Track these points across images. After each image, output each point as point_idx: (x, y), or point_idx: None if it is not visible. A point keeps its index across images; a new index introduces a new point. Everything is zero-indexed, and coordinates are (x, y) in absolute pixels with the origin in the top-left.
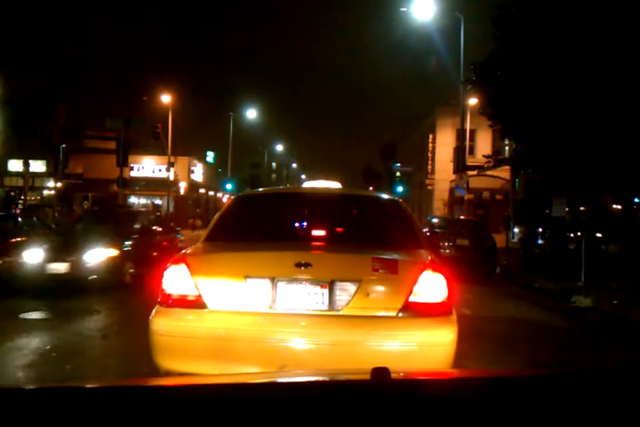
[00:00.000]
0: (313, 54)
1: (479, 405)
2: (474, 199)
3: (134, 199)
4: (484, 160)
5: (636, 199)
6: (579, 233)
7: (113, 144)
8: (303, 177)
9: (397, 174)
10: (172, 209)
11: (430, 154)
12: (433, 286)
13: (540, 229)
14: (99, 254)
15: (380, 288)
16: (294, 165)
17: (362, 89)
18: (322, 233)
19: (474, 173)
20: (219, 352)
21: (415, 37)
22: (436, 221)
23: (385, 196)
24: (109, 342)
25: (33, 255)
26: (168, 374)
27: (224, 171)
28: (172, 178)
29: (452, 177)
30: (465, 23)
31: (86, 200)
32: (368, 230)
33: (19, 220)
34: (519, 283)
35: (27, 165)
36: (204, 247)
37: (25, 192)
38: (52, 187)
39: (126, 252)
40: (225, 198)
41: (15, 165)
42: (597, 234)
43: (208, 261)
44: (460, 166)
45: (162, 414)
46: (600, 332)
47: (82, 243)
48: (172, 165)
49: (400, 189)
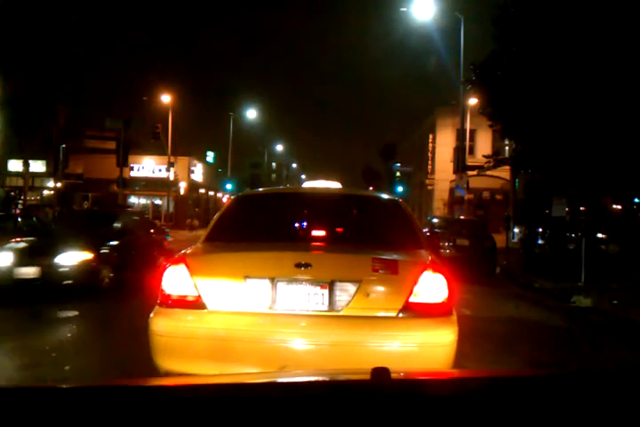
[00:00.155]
0: (313, 54)
1: (479, 405)
2: (474, 199)
3: (134, 199)
4: (484, 160)
5: (636, 199)
6: (579, 233)
7: (113, 144)
8: (303, 177)
9: (397, 174)
10: (172, 209)
11: (430, 154)
12: (433, 286)
13: (540, 229)
14: (72, 258)
15: (380, 289)
16: (294, 165)
17: (362, 89)
18: (322, 233)
19: (474, 173)
20: (218, 353)
21: (415, 37)
22: (435, 221)
23: (385, 196)
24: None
25: (0, 259)
26: (168, 374)
27: (224, 171)
28: (171, 178)
29: (452, 177)
30: (465, 23)
31: (86, 200)
32: (368, 231)
33: (18, 220)
34: (519, 283)
35: (27, 165)
36: (203, 247)
37: (25, 192)
38: (51, 187)
39: (104, 255)
40: (225, 198)
41: (15, 165)
42: (597, 234)
43: (208, 262)
44: (460, 166)
45: (162, 415)
46: (600, 332)
47: (54, 245)
48: (171, 165)
49: (400, 189)
